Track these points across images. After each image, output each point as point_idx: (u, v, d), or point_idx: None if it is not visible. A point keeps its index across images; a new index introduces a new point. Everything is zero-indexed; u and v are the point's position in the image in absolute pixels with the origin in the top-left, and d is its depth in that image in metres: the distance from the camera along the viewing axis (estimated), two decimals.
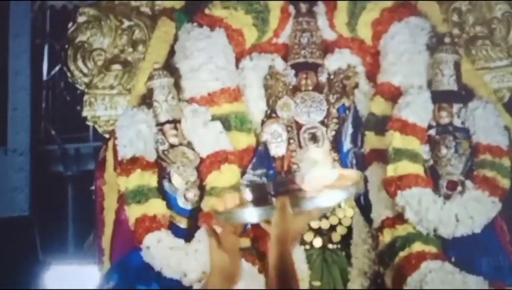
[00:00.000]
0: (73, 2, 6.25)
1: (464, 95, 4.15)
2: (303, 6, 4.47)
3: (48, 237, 5.30)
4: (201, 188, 4.04)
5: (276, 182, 2.95)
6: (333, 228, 4.27)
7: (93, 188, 4.45)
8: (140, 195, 3.94)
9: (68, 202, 6.32)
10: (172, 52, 4.37)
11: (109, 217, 4.20)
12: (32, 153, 5.69)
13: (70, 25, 4.60)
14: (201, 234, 3.88)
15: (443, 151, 4.03)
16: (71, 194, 6.34)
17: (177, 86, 4.17)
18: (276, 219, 2.61)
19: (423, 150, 4.04)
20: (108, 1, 4.66)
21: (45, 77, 6.46)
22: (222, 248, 2.72)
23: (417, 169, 3.96)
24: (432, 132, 4.08)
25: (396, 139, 3.98)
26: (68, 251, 5.71)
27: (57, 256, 5.56)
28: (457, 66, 4.10)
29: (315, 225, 4.26)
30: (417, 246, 3.85)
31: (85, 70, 4.59)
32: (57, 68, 6.33)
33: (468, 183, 3.95)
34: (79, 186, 6.30)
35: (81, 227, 5.58)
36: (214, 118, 4.13)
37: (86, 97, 4.56)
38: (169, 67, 4.25)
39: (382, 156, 4.06)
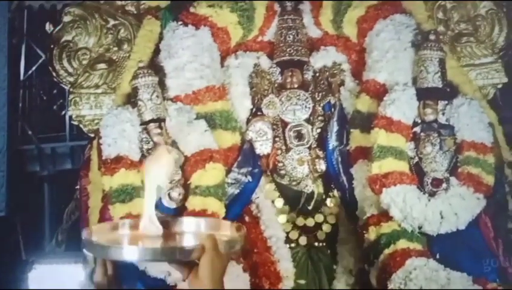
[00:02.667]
0: (50, 2, 6.26)
1: (449, 92, 4.15)
2: (288, 4, 4.47)
3: (24, 236, 5.29)
4: (186, 187, 4.02)
5: None
6: (318, 225, 4.28)
7: (77, 187, 4.43)
8: (124, 194, 3.92)
9: (45, 201, 6.29)
10: (157, 51, 4.36)
11: (93, 217, 4.18)
12: (8, 152, 5.68)
13: (47, 24, 4.60)
14: None
15: (428, 148, 4.04)
16: (47, 193, 6.31)
17: (162, 84, 4.16)
18: (210, 258, 2.48)
19: (408, 148, 4.04)
20: (92, 0, 4.64)
21: (22, 77, 6.45)
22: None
23: (402, 166, 3.95)
24: (417, 129, 4.08)
25: (381, 137, 3.98)
26: (44, 250, 5.70)
27: (33, 255, 5.55)
28: (441, 63, 4.09)
29: (300, 222, 4.27)
30: (402, 244, 3.85)
31: (70, 70, 4.57)
32: (34, 68, 6.31)
33: (453, 180, 3.95)
34: (55, 186, 6.27)
35: (57, 226, 5.55)
36: (199, 116, 4.12)
37: (71, 96, 4.54)
38: (154, 66, 4.25)
39: (367, 154, 4.06)
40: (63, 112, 6.82)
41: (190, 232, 2.81)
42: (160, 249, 2.54)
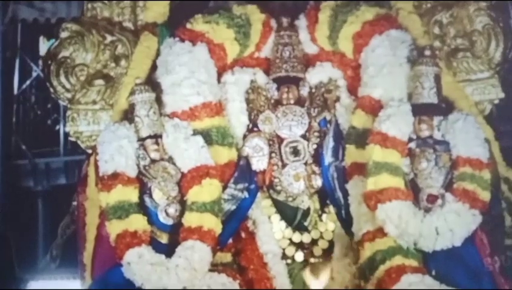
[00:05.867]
0: (45, 15, 6.25)
1: (444, 107, 4.15)
2: (285, 20, 4.48)
3: (17, 252, 5.26)
4: (182, 203, 4.03)
5: None
6: (314, 242, 4.28)
7: (74, 202, 4.44)
8: (121, 211, 3.92)
9: (38, 216, 6.26)
10: (154, 67, 4.37)
11: (90, 233, 4.19)
12: (2, 167, 5.65)
13: (41, 38, 4.59)
14: (181, 250, 3.88)
15: (424, 164, 4.03)
16: (41, 209, 6.28)
17: (159, 100, 4.17)
18: None
19: (404, 163, 4.03)
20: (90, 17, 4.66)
21: (15, 91, 6.42)
22: None
23: (397, 182, 3.95)
24: (412, 144, 4.08)
25: (376, 153, 3.98)
26: (38, 266, 5.67)
27: (28, 272, 5.52)
28: (437, 78, 4.10)
29: (296, 239, 4.28)
30: (397, 260, 3.86)
31: (68, 86, 4.58)
32: (28, 82, 6.27)
33: (448, 196, 3.95)
34: (49, 201, 6.24)
35: (51, 242, 5.51)
36: (195, 132, 4.14)
37: (68, 112, 4.55)
38: (151, 82, 4.25)
39: (363, 170, 4.05)
40: (58, 127, 6.80)
41: None
42: None
